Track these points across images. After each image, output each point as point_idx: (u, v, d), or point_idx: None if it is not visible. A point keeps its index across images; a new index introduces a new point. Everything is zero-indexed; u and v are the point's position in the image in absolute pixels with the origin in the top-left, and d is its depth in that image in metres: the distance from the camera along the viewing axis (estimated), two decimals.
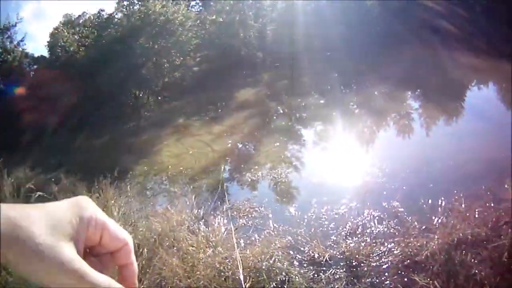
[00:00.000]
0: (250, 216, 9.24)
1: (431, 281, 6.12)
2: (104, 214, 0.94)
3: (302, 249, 7.77)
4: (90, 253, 0.93)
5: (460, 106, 16.36)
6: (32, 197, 9.04)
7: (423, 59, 22.66)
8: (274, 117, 16.96)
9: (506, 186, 8.93)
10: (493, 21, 27.20)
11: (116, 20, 24.64)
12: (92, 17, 27.36)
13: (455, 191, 8.89)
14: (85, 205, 0.91)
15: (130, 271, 0.97)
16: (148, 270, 6.67)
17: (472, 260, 6.57)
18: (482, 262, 6.51)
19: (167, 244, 7.46)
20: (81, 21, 28.12)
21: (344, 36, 25.31)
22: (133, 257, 0.98)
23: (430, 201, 8.79)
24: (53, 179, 11.39)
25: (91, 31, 24.53)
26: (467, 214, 7.86)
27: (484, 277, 6.09)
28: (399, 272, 6.84)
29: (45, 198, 9.11)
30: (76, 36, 23.69)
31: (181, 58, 23.41)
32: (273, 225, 8.73)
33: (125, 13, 23.97)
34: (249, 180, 11.23)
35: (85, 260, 0.85)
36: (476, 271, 6.30)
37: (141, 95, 19.80)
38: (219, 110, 18.25)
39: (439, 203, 8.66)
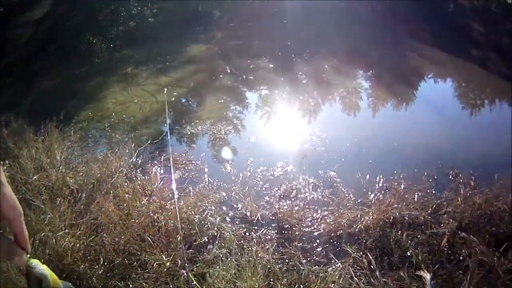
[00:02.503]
0: (186, 168, 9.26)
1: (363, 255, 6.18)
2: (6, 186, 1.18)
3: (235, 206, 7.86)
4: None
5: (412, 92, 16.53)
6: None
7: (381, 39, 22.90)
8: (221, 76, 16.72)
9: (450, 177, 9.15)
10: None
11: None
12: None
13: (395, 171, 9.07)
14: None
15: (22, 238, 1.31)
16: (85, 215, 6.63)
17: (409, 241, 6.69)
18: (419, 245, 6.61)
19: (105, 190, 7.41)
20: None
21: (304, 8, 25.30)
22: (24, 228, 1.29)
23: (367, 177, 8.90)
24: (3, 122, 11.08)
25: None
26: (406, 196, 7.92)
27: (420, 261, 6.18)
28: (331, 241, 6.95)
29: None
30: None
31: (139, 8, 23.21)
32: (208, 179, 8.79)
33: None
34: (189, 133, 11.23)
35: None
36: (412, 253, 6.40)
37: (94, 41, 19.37)
38: (167, 63, 18.01)
39: (377, 180, 8.77)
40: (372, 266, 5.74)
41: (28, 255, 1.34)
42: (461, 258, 6.40)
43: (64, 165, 8.32)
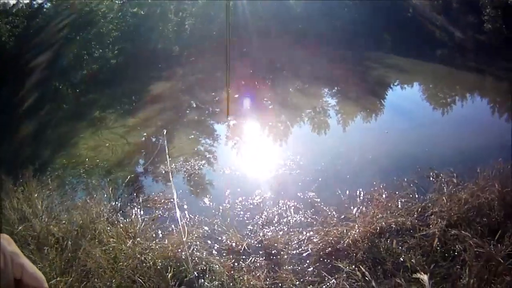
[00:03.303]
0: (165, 207, 9.09)
1: (356, 268, 6.10)
2: (23, 256, 1.17)
3: (219, 238, 7.77)
4: None
5: (380, 102, 16.73)
6: None
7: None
8: (188, 111, 16.87)
9: (431, 178, 9.26)
10: None
11: (44, 9, 23.98)
12: (24, 6, 26.13)
13: (374, 183, 9.08)
14: (5, 245, 1.15)
15: None
16: (73, 262, 6.50)
17: (400, 247, 6.66)
18: (411, 249, 6.61)
19: (89, 236, 7.29)
20: (14, 10, 26.99)
21: (262, 33, 25.46)
22: None
23: (347, 192, 8.93)
24: None
25: (21, 21, 23.68)
26: (389, 204, 8.00)
27: (415, 264, 6.14)
28: (321, 259, 6.89)
29: None
30: (8, 26, 22.90)
31: (100, 50, 23.13)
32: (188, 215, 8.66)
33: (53, 2, 23.42)
34: (163, 172, 10.99)
35: None
36: (405, 258, 6.37)
37: (60, 87, 19.38)
38: (134, 103, 18.13)
39: (358, 193, 8.82)
40: (366, 278, 5.67)
41: None
42: (456, 254, 6.41)
43: (46, 214, 8.20)
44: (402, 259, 6.43)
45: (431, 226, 7.11)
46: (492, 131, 12.69)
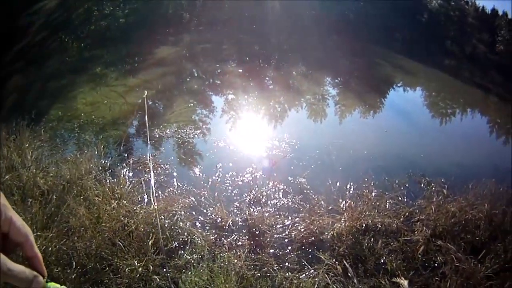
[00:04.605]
0: (155, 172, 8.97)
1: (337, 262, 6.09)
2: (11, 209, 1.14)
3: (204, 211, 7.71)
4: (5, 248, 1.17)
5: (381, 100, 16.84)
6: None
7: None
8: (188, 79, 16.87)
9: (422, 185, 9.32)
10: None
11: None
12: None
13: (366, 179, 9.06)
14: None
15: (36, 262, 1.27)
16: (56, 218, 6.42)
17: (383, 249, 6.66)
18: (393, 252, 6.62)
19: (75, 192, 7.22)
20: None
21: (275, 13, 25.41)
22: (37, 250, 1.27)
23: (338, 184, 8.89)
24: None
25: None
26: (378, 204, 7.97)
27: (395, 268, 6.16)
28: (303, 247, 6.87)
29: None
30: None
31: (111, 8, 23.16)
32: (177, 183, 8.62)
33: None
34: (157, 136, 11.02)
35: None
36: (386, 260, 6.38)
37: (66, 39, 19.34)
38: (136, 64, 17.96)
39: (348, 187, 8.75)
40: (349, 274, 5.66)
41: (45, 279, 1.29)
42: (436, 265, 6.44)
43: (35, 165, 8.09)
44: (382, 261, 6.44)
45: (415, 232, 7.14)
46: (487, 150, 12.82)
